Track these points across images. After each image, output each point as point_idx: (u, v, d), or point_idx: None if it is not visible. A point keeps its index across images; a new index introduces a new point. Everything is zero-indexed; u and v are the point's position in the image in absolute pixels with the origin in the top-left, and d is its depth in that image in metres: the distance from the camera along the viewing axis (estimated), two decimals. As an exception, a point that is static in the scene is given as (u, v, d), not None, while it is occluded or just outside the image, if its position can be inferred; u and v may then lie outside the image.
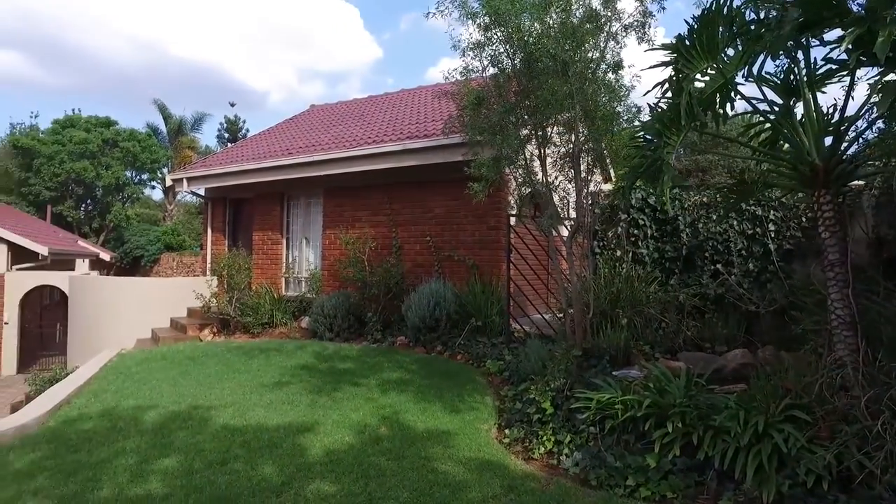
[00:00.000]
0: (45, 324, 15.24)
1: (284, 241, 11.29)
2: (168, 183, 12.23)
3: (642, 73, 6.88)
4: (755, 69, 3.70)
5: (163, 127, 37.04)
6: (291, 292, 11.04)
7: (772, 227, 6.85)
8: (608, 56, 6.31)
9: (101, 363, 8.28)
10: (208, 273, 12.12)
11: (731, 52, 3.90)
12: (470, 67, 6.88)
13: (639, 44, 6.13)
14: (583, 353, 5.92)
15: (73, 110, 32.84)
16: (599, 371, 5.47)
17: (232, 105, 60.36)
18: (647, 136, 4.86)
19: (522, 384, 5.74)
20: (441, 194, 9.30)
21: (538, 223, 7.63)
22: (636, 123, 6.29)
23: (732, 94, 4.01)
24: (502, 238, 8.64)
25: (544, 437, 4.61)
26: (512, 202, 8.72)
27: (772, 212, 6.89)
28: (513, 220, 8.11)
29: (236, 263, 9.86)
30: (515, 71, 6.41)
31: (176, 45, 72.43)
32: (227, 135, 45.94)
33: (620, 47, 6.36)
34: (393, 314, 8.97)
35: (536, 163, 6.88)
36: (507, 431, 4.92)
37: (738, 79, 3.97)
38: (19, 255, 13.92)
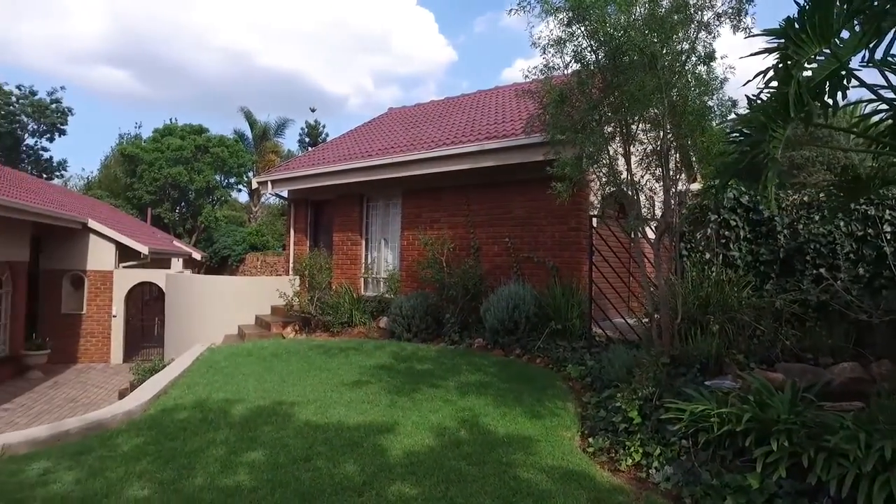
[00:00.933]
0: (145, 317, 16.34)
1: (363, 242, 11.49)
2: (254, 186, 12.73)
3: (737, 64, 6.42)
4: (880, 50, 3.33)
5: (249, 133, 38.92)
6: (370, 292, 11.22)
7: (888, 228, 6.24)
8: (699, 47, 5.96)
9: (193, 357, 8.72)
10: (291, 272, 12.54)
11: (845, 34, 3.55)
12: (550, 65, 6.70)
13: (734, 33, 5.74)
14: (671, 361, 5.61)
15: (171, 119, 35.14)
16: (690, 380, 5.16)
17: (312, 110, 62.62)
18: (745, 131, 4.53)
19: (606, 391, 5.52)
20: (520, 195, 9.15)
21: (622, 224, 7.34)
22: (731, 117, 5.91)
23: (845, 81, 3.65)
24: (583, 239, 8.38)
25: (632, 448, 4.38)
26: (594, 202, 8.46)
27: (888, 211, 6.28)
28: (595, 221, 7.84)
29: (317, 263, 10.14)
30: (599, 66, 6.18)
31: (262, 55, 76.20)
32: (307, 139, 47.68)
33: (713, 37, 5.99)
34: (471, 316, 8.92)
35: (620, 161, 6.61)
36: (591, 440, 4.72)
37: (853, 63, 3.61)
38: (124, 254, 14.98)
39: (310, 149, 42.15)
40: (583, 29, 6.23)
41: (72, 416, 9.44)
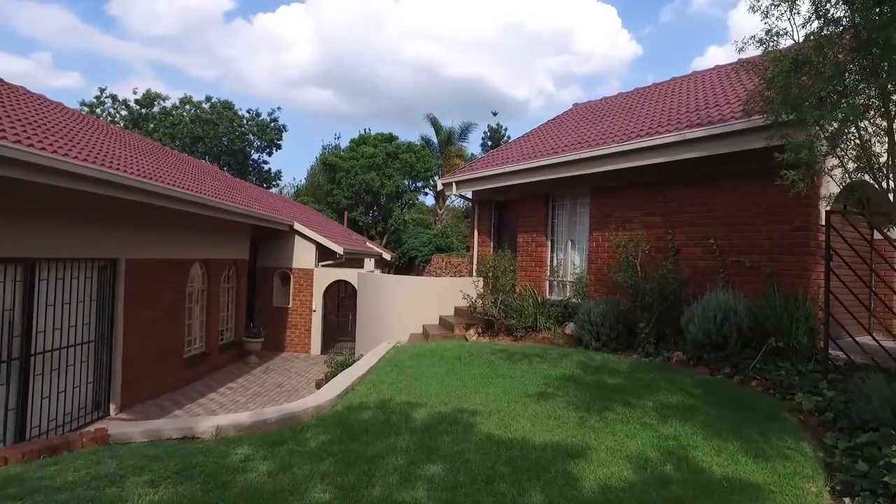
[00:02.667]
0: (340, 313, 17.59)
1: (549, 244, 10.97)
2: (439, 188, 12.89)
3: None
4: None
5: (434, 138, 40.54)
6: (555, 296, 10.66)
7: None
8: None
9: (379, 355, 8.95)
10: (474, 274, 12.46)
11: None
12: (774, 30, 5.56)
13: None
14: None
15: (365, 130, 38.01)
16: None
17: (494, 114, 63.52)
18: None
19: (862, 434, 4.33)
20: (728, 189, 7.92)
21: (873, 221, 5.88)
22: None
23: None
24: (812, 240, 6.98)
25: (917, 524, 3.25)
26: (826, 195, 6.97)
27: None
28: (830, 218, 6.41)
29: (501, 265, 9.84)
30: (853, 20, 4.92)
31: (445, 65, 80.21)
32: (490, 143, 48.39)
33: None
34: (668, 326, 7.92)
35: (874, 140, 5.25)
36: (847, 501, 3.64)
37: None
38: (323, 254, 16.29)
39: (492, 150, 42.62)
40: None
41: (277, 399, 10.35)
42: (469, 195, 13.08)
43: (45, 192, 6.80)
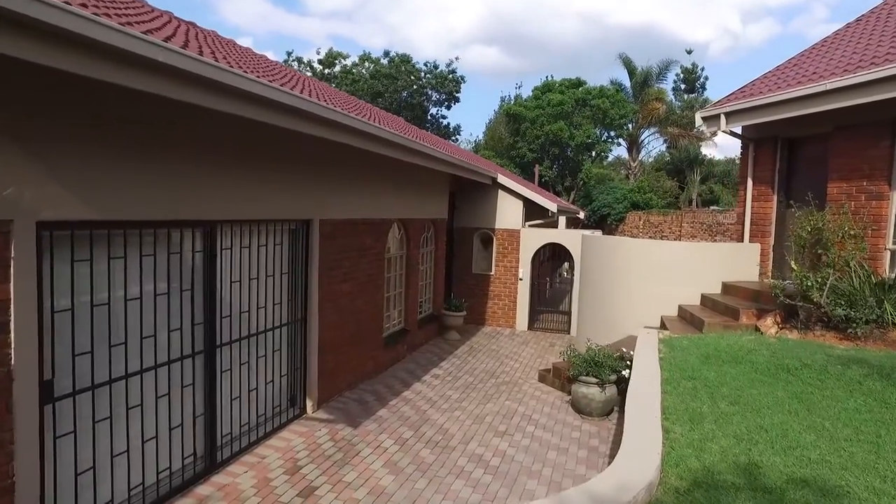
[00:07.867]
0: (540, 280, 15.17)
1: (892, 196, 7.34)
2: (698, 122, 9.67)
3: None
4: None
5: (627, 82, 36.07)
6: (904, 274, 7.12)
7: None
8: None
9: (649, 355, 6.34)
10: (746, 237, 9.17)
11: None
12: None
13: None
14: None
15: (548, 76, 34.69)
16: None
17: (689, 52, 56.16)
18: None
19: None
20: None
21: None
22: None
23: None
24: None
25: None
26: None
27: None
28: None
29: (839, 227, 6.49)
30: None
31: (615, 13, 74.11)
32: (683, 86, 42.62)
33: None
34: None
35: None
36: None
37: None
38: (529, 213, 13.86)
39: (687, 97, 36.96)
40: None
41: (496, 396, 8.22)
42: (739, 131, 9.66)
43: (223, 133, 5.11)
